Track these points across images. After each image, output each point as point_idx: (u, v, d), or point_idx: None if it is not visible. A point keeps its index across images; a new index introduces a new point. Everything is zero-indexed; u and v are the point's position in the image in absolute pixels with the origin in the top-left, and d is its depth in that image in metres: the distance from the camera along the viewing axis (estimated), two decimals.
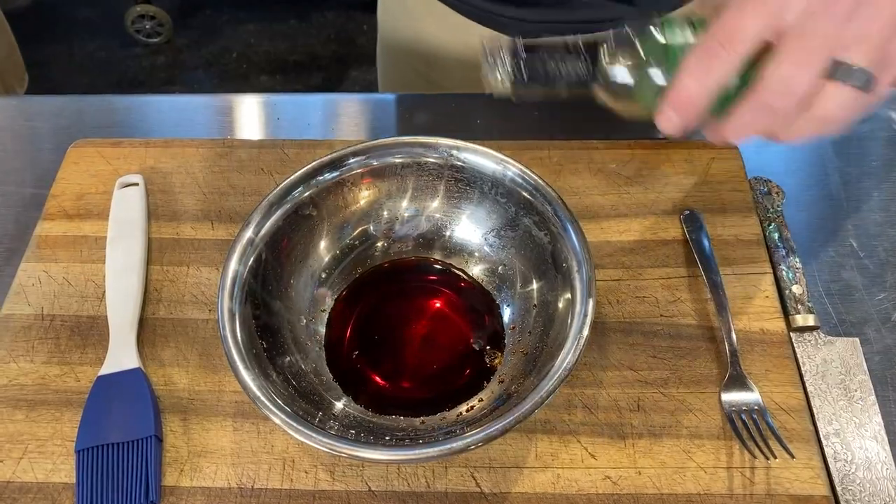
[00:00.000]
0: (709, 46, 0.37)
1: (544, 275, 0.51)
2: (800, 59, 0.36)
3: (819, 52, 0.36)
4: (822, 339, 0.53)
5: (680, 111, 0.39)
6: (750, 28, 0.36)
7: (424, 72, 0.80)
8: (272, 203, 0.51)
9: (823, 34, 0.36)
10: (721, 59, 0.37)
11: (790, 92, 0.36)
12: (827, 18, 0.35)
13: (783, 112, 0.37)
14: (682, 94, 0.38)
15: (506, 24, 0.71)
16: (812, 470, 0.47)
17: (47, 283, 0.56)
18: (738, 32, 0.37)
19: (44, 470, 0.48)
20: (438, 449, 0.42)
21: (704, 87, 0.37)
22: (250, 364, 0.45)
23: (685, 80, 0.38)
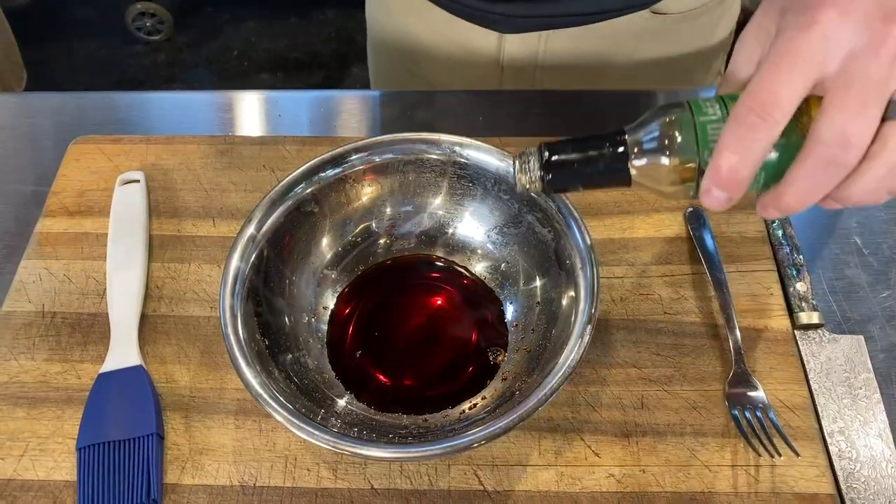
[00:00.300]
0: (744, 117, 0.34)
1: (547, 272, 0.51)
2: (852, 105, 0.33)
3: (873, 94, 0.33)
4: (827, 337, 0.53)
5: (724, 187, 0.35)
6: (787, 93, 0.33)
7: (412, 68, 0.80)
8: (274, 200, 0.51)
9: (874, 75, 0.33)
10: (760, 131, 0.34)
11: (849, 142, 0.33)
12: (874, 59, 0.33)
13: (846, 167, 0.33)
14: (723, 171, 0.35)
15: (494, 20, 0.71)
16: (817, 468, 0.47)
17: (48, 280, 0.56)
18: (775, 100, 0.33)
19: (45, 468, 0.48)
20: (441, 447, 0.42)
21: (746, 160, 0.34)
22: (252, 361, 0.45)
23: (725, 155, 0.35)
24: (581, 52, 0.72)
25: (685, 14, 0.71)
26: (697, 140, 0.37)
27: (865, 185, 0.34)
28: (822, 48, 0.33)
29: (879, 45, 0.32)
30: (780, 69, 0.34)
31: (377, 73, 0.88)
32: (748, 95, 0.34)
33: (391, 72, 0.85)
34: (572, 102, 0.69)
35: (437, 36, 0.75)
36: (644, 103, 0.69)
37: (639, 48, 0.73)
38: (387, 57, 0.83)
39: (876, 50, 0.32)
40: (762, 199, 0.37)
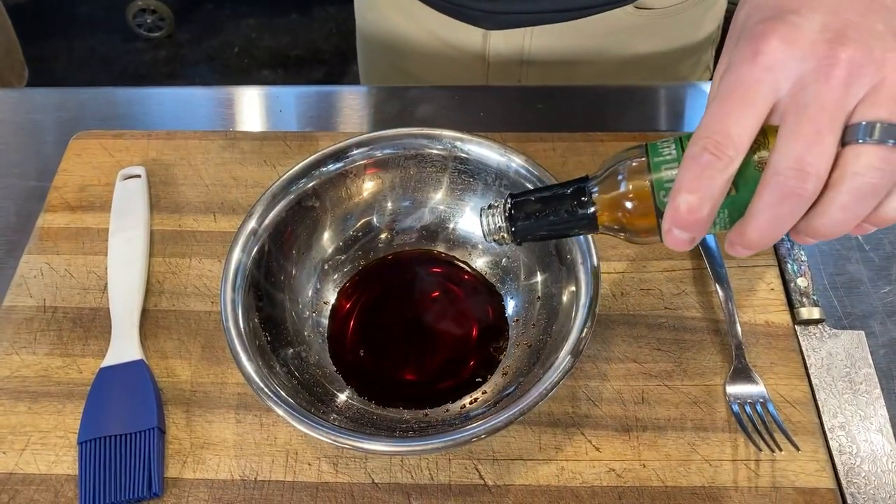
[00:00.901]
0: (699, 156, 0.33)
1: (548, 267, 0.51)
2: (806, 133, 0.31)
3: (826, 120, 0.31)
4: (828, 332, 0.53)
5: (684, 227, 0.34)
6: (738, 128, 0.32)
7: (398, 63, 0.80)
8: (275, 194, 0.51)
9: (826, 101, 0.31)
10: (715, 168, 0.32)
11: (805, 172, 0.31)
12: (824, 84, 0.31)
13: (805, 197, 0.32)
14: (682, 211, 0.34)
15: (477, 17, 0.71)
16: (817, 463, 0.47)
17: (49, 274, 0.56)
18: (727, 136, 0.32)
19: (46, 461, 0.48)
20: (442, 441, 0.42)
21: (704, 199, 0.33)
22: (253, 356, 0.45)
23: (682, 195, 0.33)
24: (567, 48, 0.73)
25: (670, 9, 0.71)
26: (653, 182, 0.36)
27: (832, 215, 0.32)
28: (770, 79, 0.32)
29: (829, 70, 0.31)
30: (729, 104, 0.33)
31: (366, 67, 0.88)
32: (700, 133, 0.33)
33: (379, 67, 0.85)
34: (575, 98, 0.69)
35: (422, 32, 0.75)
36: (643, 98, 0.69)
37: (625, 44, 0.73)
38: (374, 52, 0.84)
39: (826, 75, 0.31)
40: (728, 236, 0.36)
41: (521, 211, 0.41)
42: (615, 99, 0.69)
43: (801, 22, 0.32)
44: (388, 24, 0.78)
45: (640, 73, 0.76)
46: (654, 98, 0.69)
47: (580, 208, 0.39)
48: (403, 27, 0.76)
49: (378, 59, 0.84)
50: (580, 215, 0.39)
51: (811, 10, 0.32)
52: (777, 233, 0.33)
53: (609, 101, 0.69)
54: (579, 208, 0.39)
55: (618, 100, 0.69)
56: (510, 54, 0.74)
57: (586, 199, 0.39)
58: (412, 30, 0.76)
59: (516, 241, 0.42)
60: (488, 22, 0.71)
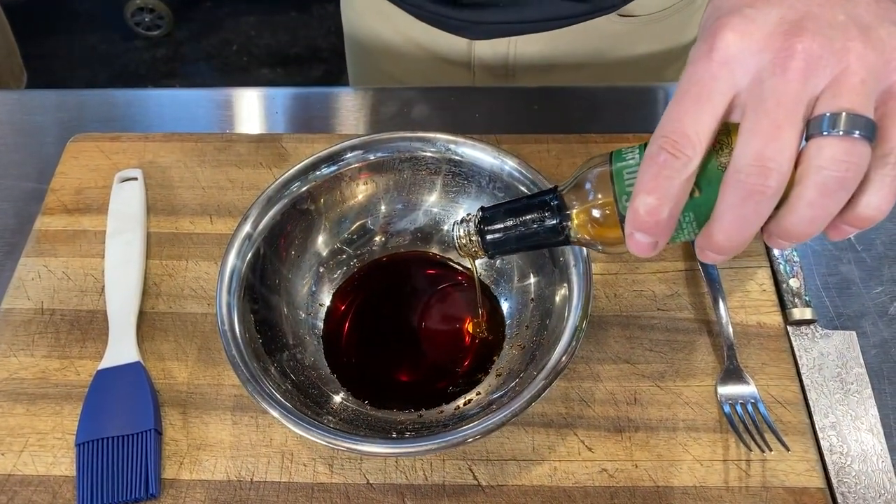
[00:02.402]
0: (656, 156, 0.32)
1: (542, 269, 0.51)
2: (765, 128, 0.30)
3: (785, 113, 0.30)
4: (819, 333, 0.53)
5: (645, 230, 0.33)
6: (695, 127, 0.31)
7: (383, 68, 0.80)
8: (270, 197, 0.51)
9: (785, 94, 0.30)
10: (673, 168, 0.32)
11: (766, 168, 0.30)
12: (782, 77, 0.30)
13: (769, 195, 0.30)
14: (641, 213, 0.33)
15: (459, 26, 0.71)
16: (808, 462, 0.47)
17: (47, 277, 0.57)
18: (684, 135, 0.31)
19: (44, 463, 0.49)
20: (436, 442, 0.42)
21: (663, 200, 0.32)
22: (249, 358, 0.46)
23: (641, 197, 0.33)
24: (552, 54, 0.73)
25: (654, 16, 0.71)
26: (614, 188, 0.36)
27: (801, 213, 0.31)
28: (726, 74, 0.31)
29: (785, 62, 0.30)
30: (685, 102, 0.32)
31: (352, 69, 0.88)
32: (657, 133, 0.32)
33: (364, 69, 0.85)
34: (570, 98, 0.69)
35: (405, 39, 0.75)
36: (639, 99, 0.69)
37: (610, 50, 0.73)
38: (358, 54, 0.83)
39: (783, 67, 0.30)
40: (696, 242, 0.35)
41: (490, 225, 0.41)
42: (610, 100, 0.69)
43: (756, 15, 0.31)
44: (369, 28, 0.78)
45: (626, 77, 0.76)
46: (650, 98, 0.69)
47: (548, 221, 0.39)
48: (386, 33, 0.76)
49: (363, 62, 0.84)
50: (548, 227, 0.39)
51: (767, 4, 0.31)
52: (744, 234, 0.32)
53: (604, 102, 0.69)
54: (548, 221, 0.39)
55: (613, 101, 0.69)
56: (495, 61, 0.74)
57: (553, 211, 0.39)
58: (393, 35, 0.76)
59: (488, 254, 0.42)
60: (471, 32, 0.72)
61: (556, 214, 0.39)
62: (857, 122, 0.29)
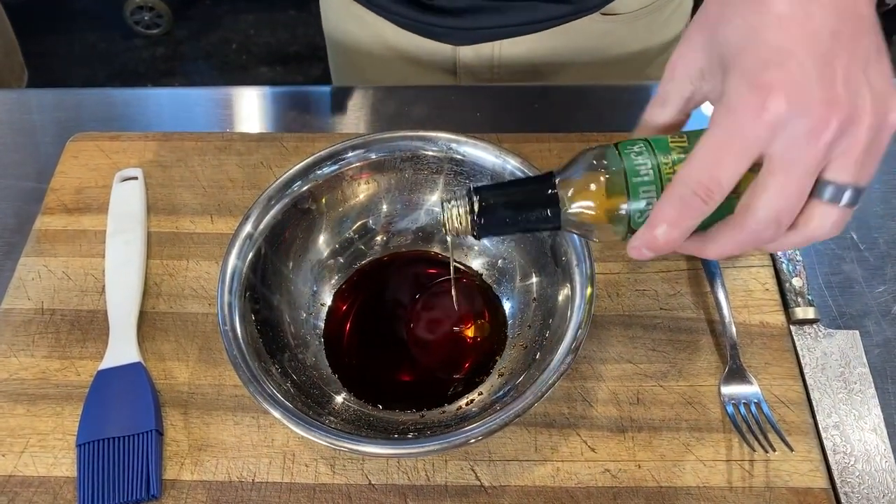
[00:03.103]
0: (689, 199, 0.35)
1: (544, 268, 0.51)
2: (787, 186, 0.34)
3: (807, 177, 0.34)
4: (822, 332, 0.53)
5: (655, 250, 0.37)
6: (730, 176, 0.34)
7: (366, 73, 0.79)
8: (271, 197, 0.51)
9: (811, 161, 0.33)
10: (700, 210, 0.35)
11: (778, 220, 0.35)
12: (814, 145, 0.33)
13: (768, 241, 0.36)
14: (660, 241, 0.37)
15: (441, 33, 0.71)
16: (811, 462, 0.47)
17: (47, 277, 0.56)
18: (717, 184, 0.34)
19: (45, 464, 0.48)
20: (438, 443, 0.42)
21: (682, 233, 0.36)
22: (250, 358, 0.45)
23: (662, 227, 0.36)
24: (535, 55, 0.73)
25: (636, 13, 0.71)
26: (628, 189, 0.37)
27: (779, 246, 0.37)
28: (770, 136, 0.33)
29: (820, 133, 0.33)
30: (726, 153, 0.34)
31: (336, 74, 0.87)
32: (692, 175, 0.35)
33: (346, 74, 0.84)
34: (571, 97, 0.69)
35: (385, 46, 0.75)
36: (638, 96, 0.69)
37: (594, 49, 0.73)
38: (341, 60, 0.83)
39: (817, 137, 0.33)
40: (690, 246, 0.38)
41: (487, 207, 0.40)
42: (610, 98, 0.69)
43: (799, 74, 0.33)
44: (349, 34, 0.77)
45: (609, 76, 0.76)
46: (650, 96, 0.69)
47: (548, 204, 0.39)
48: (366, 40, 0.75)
49: (344, 67, 0.83)
50: (548, 211, 0.39)
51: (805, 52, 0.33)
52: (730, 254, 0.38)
53: (604, 100, 0.69)
54: (548, 204, 0.39)
55: (613, 98, 0.69)
56: (479, 64, 0.73)
57: (553, 200, 0.39)
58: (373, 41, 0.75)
59: (477, 235, 0.41)
60: (454, 38, 0.71)
61: (556, 199, 0.39)
62: (854, 197, 0.35)
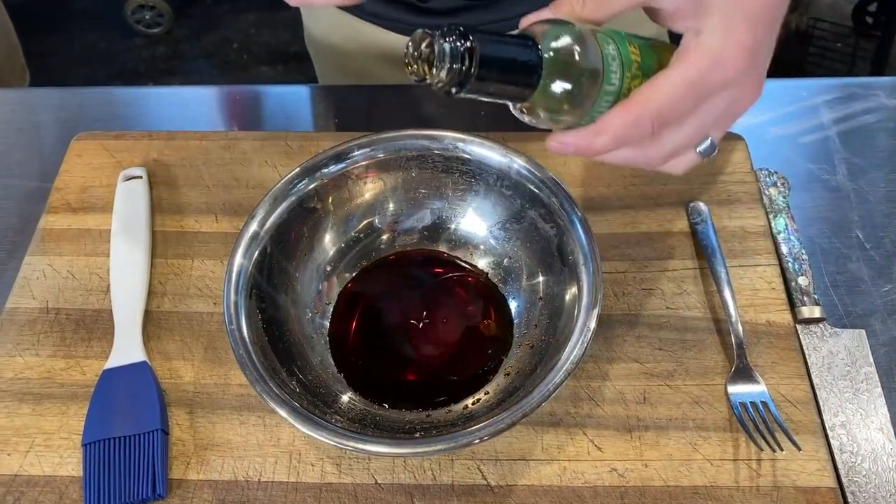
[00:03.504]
0: (641, 120, 0.37)
1: (550, 268, 0.51)
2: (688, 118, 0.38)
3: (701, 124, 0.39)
4: (828, 331, 0.53)
5: (581, 152, 0.39)
6: (684, 119, 0.38)
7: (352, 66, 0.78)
8: (276, 196, 0.51)
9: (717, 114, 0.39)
10: (643, 136, 0.37)
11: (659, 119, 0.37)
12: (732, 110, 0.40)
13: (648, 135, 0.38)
14: (594, 144, 0.38)
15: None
16: (819, 462, 0.47)
17: (52, 276, 0.56)
18: (674, 122, 0.38)
19: (51, 463, 0.48)
20: (445, 442, 0.42)
21: (614, 147, 0.38)
22: (256, 357, 0.45)
23: (604, 135, 0.38)
24: None
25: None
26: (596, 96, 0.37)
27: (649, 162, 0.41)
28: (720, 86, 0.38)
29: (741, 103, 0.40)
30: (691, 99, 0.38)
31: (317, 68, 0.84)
32: (655, 104, 0.37)
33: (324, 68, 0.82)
34: None
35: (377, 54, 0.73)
36: None
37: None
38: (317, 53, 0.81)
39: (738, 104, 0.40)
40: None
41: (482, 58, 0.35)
42: None
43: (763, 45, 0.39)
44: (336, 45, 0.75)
45: None
46: None
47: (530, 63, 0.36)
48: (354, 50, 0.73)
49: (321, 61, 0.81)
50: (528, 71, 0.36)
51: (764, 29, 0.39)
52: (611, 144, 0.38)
53: None
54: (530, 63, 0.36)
55: None
56: None
57: (536, 70, 0.36)
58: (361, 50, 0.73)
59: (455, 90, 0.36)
60: None
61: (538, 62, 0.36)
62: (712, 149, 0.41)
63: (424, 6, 0.67)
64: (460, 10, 0.68)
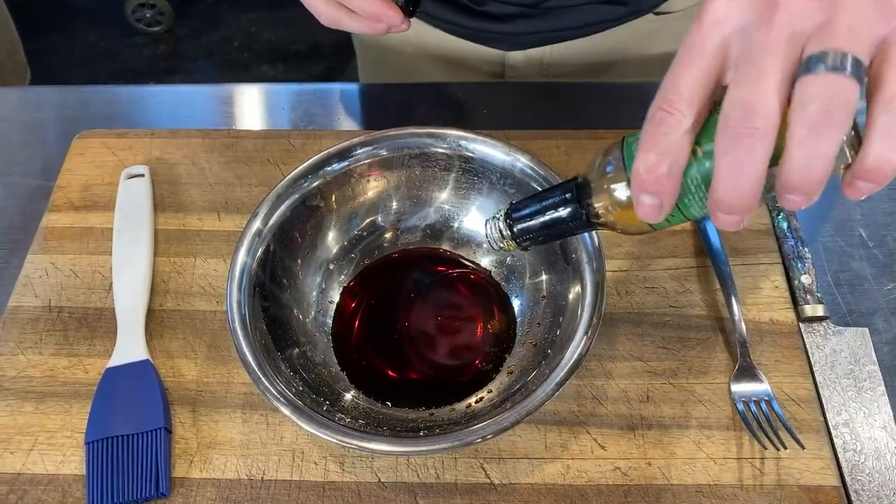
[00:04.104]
0: (653, 116, 0.33)
1: (553, 266, 0.51)
2: (751, 77, 0.31)
3: (771, 62, 0.31)
4: (832, 330, 0.53)
5: (648, 189, 0.34)
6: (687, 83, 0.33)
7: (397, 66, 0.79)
8: (280, 194, 0.51)
9: (770, 45, 0.31)
10: (667, 124, 0.33)
11: (752, 110, 0.30)
12: (767, 29, 0.31)
13: (758, 135, 0.30)
14: (641, 171, 0.33)
15: (496, 39, 0.70)
16: (822, 460, 0.47)
17: (54, 274, 0.56)
18: (676, 92, 0.33)
19: (54, 461, 0.48)
20: (449, 441, 0.42)
21: (661, 156, 0.33)
22: (259, 356, 0.45)
23: (641, 156, 0.34)
24: (586, 55, 0.72)
25: (686, 11, 0.71)
26: (624, 161, 0.37)
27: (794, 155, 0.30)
28: (715, 34, 0.32)
29: (770, 15, 0.31)
30: (679, 65, 0.33)
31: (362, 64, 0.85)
32: (656, 96, 0.34)
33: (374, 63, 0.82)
34: (577, 94, 0.69)
35: (432, 54, 0.74)
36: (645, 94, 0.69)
37: (643, 47, 0.73)
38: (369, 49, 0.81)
39: (768, 20, 0.31)
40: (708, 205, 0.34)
41: (518, 219, 0.42)
42: (617, 95, 0.69)
43: None
44: (390, 48, 0.76)
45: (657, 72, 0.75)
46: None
47: (573, 210, 0.40)
48: (409, 50, 0.74)
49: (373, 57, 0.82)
50: (576, 213, 0.40)
51: None
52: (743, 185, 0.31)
53: (611, 98, 0.68)
54: (572, 210, 0.40)
55: (619, 96, 0.68)
56: (529, 66, 0.73)
57: (577, 200, 0.40)
58: (415, 51, 0.74)
59: (521, 247, 0.44)
60: (505, 43, 0.70)
61: (576, 200, 0.40)
62: (842, 60, 0.29)
63: (479, 9, 0.67)
64: (515, 17, 0.67)
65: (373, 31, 0.50)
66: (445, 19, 0.69)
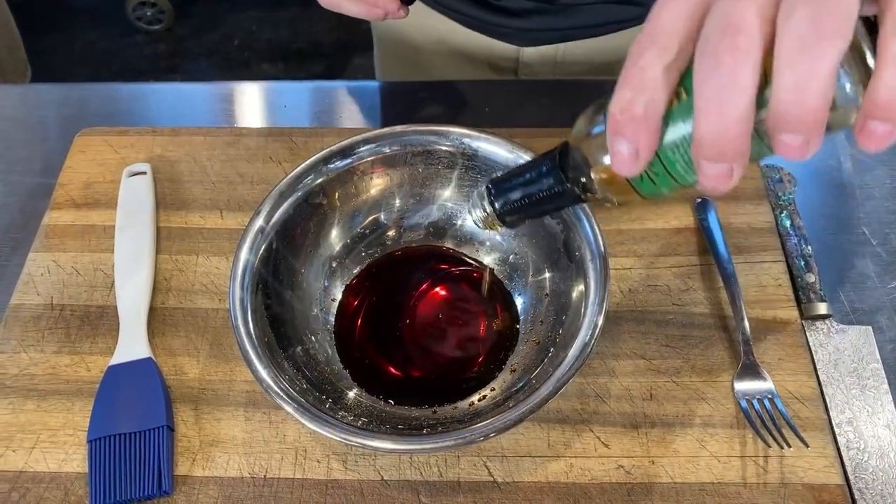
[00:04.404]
0: (632, 51, 0.30)
1: (556, 264, 0.51)
2: None
3: None
4: (835, 328, 0.53)
5: (623, 132, 0.30)
6: (669, 16, 0.29)
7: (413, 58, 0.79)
8: (282, 191, 0.51)
9: None
10: (645, 57, 0.29)
11: (734, 25, 0.26)
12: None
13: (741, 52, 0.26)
14: (615, 112, 0.30)
15: (507, 34, 0.70)
16: (826, 459, 0.47)
17: (56, 272, 0.56)
18: (657, 25, 0.29)
19: (56, 459, 0.48)
20: (452, 439, 0.42)
21: (637, 93, 0.30)
22: (262, 354, 0.45)
23: (617, 94, 0.30)
24: (599, 53, 0.72)
25: None
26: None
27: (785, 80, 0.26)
28: None
29: None
30: (658, 5, 0.30)
31: (381, 61, 0.86)
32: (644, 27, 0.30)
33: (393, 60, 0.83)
34: (582, 91, 0.69)
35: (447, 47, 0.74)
36: None
37: None
38: (388, 45, 0.82)
39: None
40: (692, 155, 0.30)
41: (500, 193, 0.41)
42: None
43: None
44: (406, 37, 0.76)
45: None
46: None
47: (555, 178, 0.38)
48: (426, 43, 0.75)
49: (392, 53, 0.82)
50: (556, 185, 0.38)
51: None
52: (727, 113, 0.27)
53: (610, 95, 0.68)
54: (555, 178, 0.38)
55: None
56: (542, 63, 0.73)
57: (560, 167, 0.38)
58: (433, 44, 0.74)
59: (506, 224, 0.42)
60: (519, 39, 0.70)
61: (559, 168, 0.38)
62: None
63: (498, 4, 0.67)
64: (530, 13, 0.67)
65: (370, 15, 0.50)
66: (465, 13, 0.69)
